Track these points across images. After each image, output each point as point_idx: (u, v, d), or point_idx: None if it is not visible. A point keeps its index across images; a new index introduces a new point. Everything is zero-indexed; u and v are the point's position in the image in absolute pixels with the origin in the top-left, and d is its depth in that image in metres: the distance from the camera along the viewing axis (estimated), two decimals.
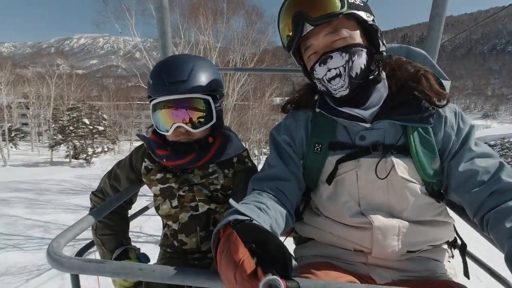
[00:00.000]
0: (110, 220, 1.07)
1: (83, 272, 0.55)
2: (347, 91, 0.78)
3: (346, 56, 0.74)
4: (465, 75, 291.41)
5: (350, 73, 0.76)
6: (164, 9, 1.34)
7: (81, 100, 30.05)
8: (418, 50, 0.89)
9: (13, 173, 18.38)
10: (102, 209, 0.88)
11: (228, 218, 0.58)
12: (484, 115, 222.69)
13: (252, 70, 8.22)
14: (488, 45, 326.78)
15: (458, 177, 0.74)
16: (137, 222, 1.17)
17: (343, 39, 0.74)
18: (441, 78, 0.83)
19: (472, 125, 0.79)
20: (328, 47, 0.76)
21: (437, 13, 1.30)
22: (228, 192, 1.08)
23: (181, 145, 0.98)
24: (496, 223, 0.64)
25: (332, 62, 0.75)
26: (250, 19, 14.29)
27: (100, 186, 1.13)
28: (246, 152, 1.11)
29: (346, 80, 0.76)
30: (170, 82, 0.90)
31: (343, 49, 0.74)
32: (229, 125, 13.75)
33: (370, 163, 0.78)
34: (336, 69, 0.76)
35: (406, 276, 0.77)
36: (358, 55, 0.75)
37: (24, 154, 28.77)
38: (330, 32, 0.74)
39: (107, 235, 1.07)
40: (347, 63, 0.75)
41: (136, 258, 1.09)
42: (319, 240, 0.88)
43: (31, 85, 29.20)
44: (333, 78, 0.77)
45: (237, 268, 0.45)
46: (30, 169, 20.63)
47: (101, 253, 1.10)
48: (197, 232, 1.06)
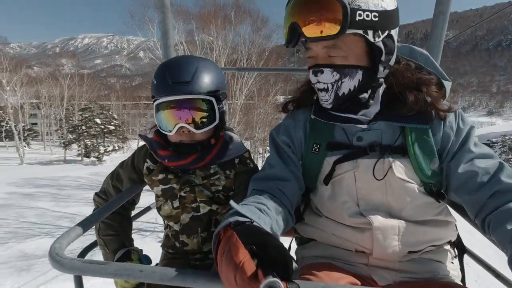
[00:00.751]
0: (112, 221, 1.07)
1: (84, 273, 0.56)
2: (330, 106, 0.79)
3: (336, 76, 0.74)
4: (469, 72, 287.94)
5: (338, 91, 0.76)
6: (166, 9, 1.34)
7: (92, 101, 31.73)
8: (421, 50, 0.88)
9: (31, 170, 19.42)
10: (104, 210, 0.88)
11: (229, 220, 0.58)
12: (489, 112, 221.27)
13: (255, 69, 8.20)
14: (493, 41, 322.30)
15: (458, 179, 0.74)
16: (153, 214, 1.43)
17: (341, 57, 0.73)
18: (443, 79, 0.82)
19: (472, 125, 0.78)
20: (325, 59, 0.74)
21: (441, 11, 1.28)
22: (229, 193, 1.07)
23: (184, 146, 0.98)
24: (498, 225, 0.63)
25: (322, 77, 0.75)
26: (256, 26, 15.16)
27: (103, 187, 1.14)
28: (247, 153, 1.11)
29: (332, 97, 0.77)
30: (174, 83, 0.90)
31: (336, 67, 0.73)
32: (238, 124, 14.47)
33: (367, 164, 0.78)
34: (325, 84, 0.76)
35: (407, 278, 0.77)
36: (350, 76, 0.74)
37: (37, 153, 30.10)
38: (328, 46, 0.73)
39: (109, 236, 1.08)
40: (336, 82, 0.75)
41: (138, 259, 1.09)
42: (320, 241, 0.88)
43: (43, 86, 30.87)
44: (321, 91, 0.78)
45: (238, 270, 0.45)
46: (45, 167, 21.97)
47: (104, 254, 1.10)
48: (198, 233, 1.06)
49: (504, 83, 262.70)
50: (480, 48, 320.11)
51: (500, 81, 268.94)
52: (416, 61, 0.84)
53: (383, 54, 0.73)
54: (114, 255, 1.06)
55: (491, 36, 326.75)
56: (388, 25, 0.71)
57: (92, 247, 1.02)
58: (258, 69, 7.08)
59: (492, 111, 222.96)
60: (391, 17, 0.71)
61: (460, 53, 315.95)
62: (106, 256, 1.09)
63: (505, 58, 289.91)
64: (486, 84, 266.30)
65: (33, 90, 30.92)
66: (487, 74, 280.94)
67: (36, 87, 30.66)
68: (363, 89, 0.76)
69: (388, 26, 0.71)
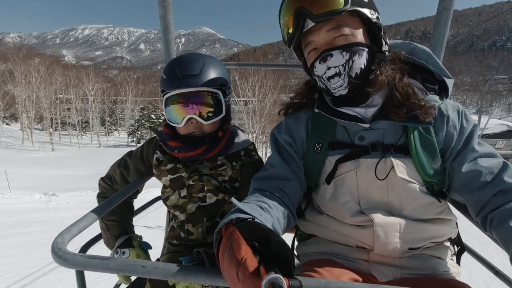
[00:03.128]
0: (116, 207, 1.08)
1: (86, 268, 0.56)
2: (346, 91, 0.77)
3: (346, 55, 0.73)
4: (464, 71, 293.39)
5: (350, 72, 0.75)
6: (167, 3, 1.33)
7: (150, 99, 46.82)
8: (422, 47, 0.87)
9: (111, 151, 27.72)
10: (106, 205, 0.89)
11: (230, 217, 0.58)
12: (478, 110, 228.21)
13: (256, 65, 7.83)
14: (488, 41, 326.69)
15: (462, 178, 0.74)
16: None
17: (345, 37, 0.73)
18: (444, 76, 0.82)
19: (476, 124, 0.78)
20: (329, 44, 0.74)
21: (444, 8, 1.26)
22: (235, 184, 1.11)
23: (193, 138, 1.03)
24: (500, 222, 0.63)
25: (332, 61, 0.74)
26: None
27: (109, 173, 1.17)
28: (252, 146, 1.16)
29: (346, 80, 0.76)
30: (183, 76, 0.95)
31: (343, 47, 0.73)
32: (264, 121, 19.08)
33: (369, 164, 0.78)
34: (336, 68, 0.75)
35: (407, 274, 0.77)
36: (359, 54, 0.73)
37: (96, 140, 41.39)
38: (331, 29, 0.73)
39: (112, 221, 1.11)
40: (347, 62, 0.74)
41: (139, 246, 1.13)
42: (321, 237, 0.88)
43: (116, 87, 46.41)
44: (333, 77, 0.76)
45: (240, 266, 0.45)
46: (119, 149, 30.56)
47: (105, 238, 1.14)
48: (203, 223, 1.08)
49: (495, 82, 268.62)
50: (475, 48, 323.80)
51: (492, 80, 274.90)
52: (417, 58, 0.84)
53: (382, 32, 0.75)
54: (115, 239, 1.11)
55: (487, 36, 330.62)
56: (375, 7, 0.76)
57: (94, 242, 1.02)
58: (260, 65, 7.41)
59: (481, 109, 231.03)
60: (374, 2, 0.77)
61: (457, 52, 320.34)
62: (107, 240, 1.13)
63: (499, 58, 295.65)
64: (478, 84, 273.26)
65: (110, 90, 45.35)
66: (480, 73, 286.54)
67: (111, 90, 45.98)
68: (370, 70, 0.76)
69: (375, 8, 0.76)
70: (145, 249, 1.15)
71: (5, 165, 15.12)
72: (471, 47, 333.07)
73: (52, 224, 6.08)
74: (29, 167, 18.26)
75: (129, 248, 1.09)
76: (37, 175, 16.09)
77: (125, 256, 1.07)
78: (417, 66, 0.85)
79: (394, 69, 0.79)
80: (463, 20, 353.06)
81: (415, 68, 0.84)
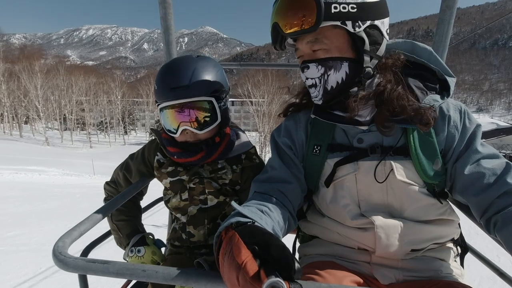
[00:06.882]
0: (124, 207, 1.11)
1: (87, 272, 0.56)
2: (321, 102, 0.80)
3: (321, 69, 0.74)
4: (465, 70, 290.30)
5: (326, 85, 0.76)
6: (168, 4, 1.32)
7: None
8: (423, 46, 0.85)
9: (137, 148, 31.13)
10: (107, 208, 0.89)
11: (230, 220, 0.58)
12: (478, 109, 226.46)
13: (258, 65, 6.96)
14: (490, 40, 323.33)
15: (464, 180, 0.73)
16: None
17: (323, 50, 0.74)
18: (447, 75, 0.81)
19: (479, 124, 0.76)
20: (310, 55, 0.76)
21: (448, 6, 1.25)
22: (235, 186, 1.11)
23: (190, 145, 1.03)
24: (504, 225, 0.63)
25: (309, 72, 0.77)
26: None
27: (113, 177, 1.18)
28: (253, 149, 1.14)
29: (321, 92, 0.78)
30: (172, 88, 0.94)
31: (319, 61, 0.74)
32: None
33: (368, 166, 0.77)
34: (313, 80, 0.77)
35: (410, 276, 0.76)
36: (335, 69, 0.74)
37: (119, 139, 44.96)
38: (310, 41, 0.74)
39: (122, 221, 1.13)
40: (322, 76, 0.75)
41: (153, 243, 1.15)
42: (323, 238, 0.88)
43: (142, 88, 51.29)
44: (310, 87, 0.80)
45: (240, 270, 0.44)
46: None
47: (117, 239, 1.15)
48: (205, 225, 1.09)
49: (496, 81, 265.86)
50: (477, 47, 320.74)
51: (493, 79, 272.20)
52: (418, 57, 0.83)
53: (366, 44, 0.73)
54: (128, 239, 1.13)
55: (489, 34, 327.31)
56: (369, 16, 0.72)
57: (95, 245, 1.02)
58: (261, 65, 7.43)
59: (482, 108, 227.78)
60: (372, 8, 0.72)
61: (458, 50, 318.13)
62: (119, 240, 1.14)
63: (500, 57, 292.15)
64: (479, 82, 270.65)
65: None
66: (482, 72, 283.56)
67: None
68: (352, 82, 0.76)
69: (369, 16, 0.72)
70: (160, 246, 1.17)
71: (75, 158, 20.37)
72: (473, 45, 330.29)
73: None
74: (92, 160, 21.10)
75: (144, 246, 1.11)
76: (99, 166, 19.40)
77: (141, 254, 1.10)
78: (418, 65, 0.83)
79: (386, 79, 0.77)
80: (465, 18, 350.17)
81: (416, 67, 0.83)
